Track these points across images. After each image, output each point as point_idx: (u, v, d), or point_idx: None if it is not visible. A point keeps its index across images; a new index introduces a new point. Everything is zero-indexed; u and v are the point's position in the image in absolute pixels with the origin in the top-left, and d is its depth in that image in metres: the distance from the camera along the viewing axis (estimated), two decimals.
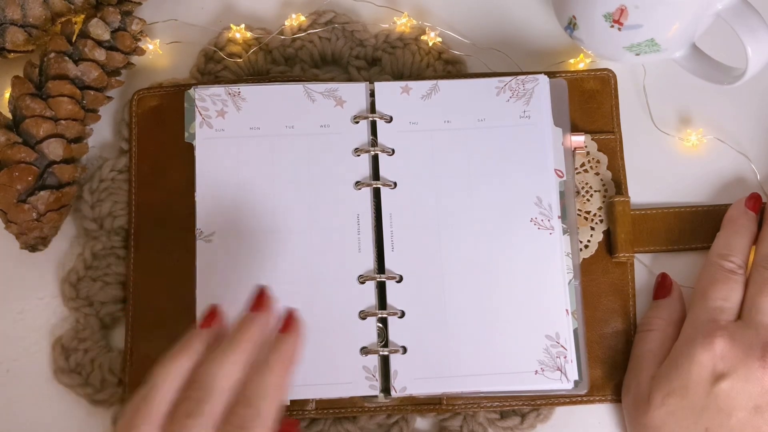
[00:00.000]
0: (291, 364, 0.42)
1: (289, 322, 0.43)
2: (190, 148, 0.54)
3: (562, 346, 0.50)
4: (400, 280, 0.51)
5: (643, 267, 0.55)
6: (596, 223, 0.55)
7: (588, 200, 0.55)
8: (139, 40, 0.56)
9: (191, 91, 0.54)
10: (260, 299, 0.44)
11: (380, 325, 0.51)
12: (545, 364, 0.50)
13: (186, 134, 0.54)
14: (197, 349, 0.42)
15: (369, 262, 0.52)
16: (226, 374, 0.40)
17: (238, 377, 0.40)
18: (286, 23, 0.58)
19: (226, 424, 0.39)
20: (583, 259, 0.54)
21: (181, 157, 0.54)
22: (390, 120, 0.54)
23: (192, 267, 0.52)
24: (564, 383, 0.50)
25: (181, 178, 0.54)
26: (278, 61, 0.58)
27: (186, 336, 0.42)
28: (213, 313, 0.44)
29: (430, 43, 0.58)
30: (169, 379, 0.40)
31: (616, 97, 0.57)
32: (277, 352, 0.42)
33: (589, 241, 0.54)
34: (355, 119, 0.53)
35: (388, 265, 0.51)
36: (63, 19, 0.55)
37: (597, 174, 0.55)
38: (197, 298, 0.51)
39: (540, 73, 0.55)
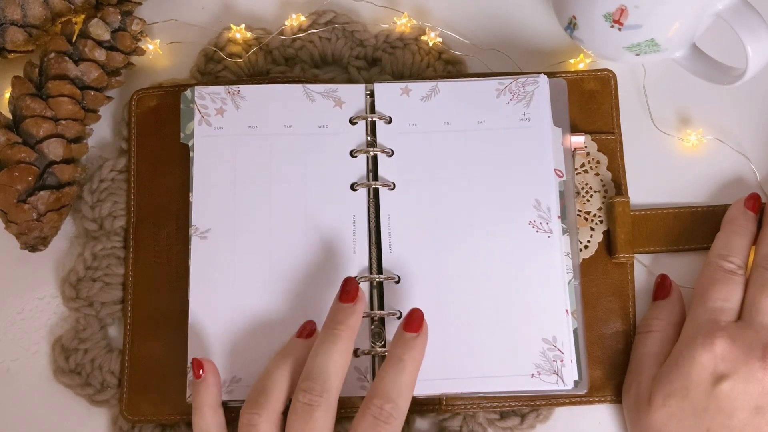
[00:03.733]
0: (420, 363, 0.46)
1: (419, 322, 0.47)
2: (189, 148, 0.54)
3: (559, 350, 0.50)
4: (399, 281, 0.51)
5: (643, 267, 0.55)
6: (596, 223, 0.55)
7: (588, 201, 0.55)
8: (140, 40, 0.56)
9: (187, 92, 0.54)
10: (350, 290, 0.48)
11: (380, 325, 0.51)
12: (542, 367, 0.50)
13: (182, 135, 0.54)
14: (301, 353, 0.47)
15: (364, 264, 0.51)
16: (337, 364, 0.45)
17: (346, 364, 0.46)
18: (286, 23, 0.58)
19: (375, 419, 0.44)
20: (583, 259, 0.54)
21: (181, 157, 0.54)
22: (389, 121, 0.54)
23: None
24: (560, 386, 0.50)
25: (181, 177, 0.54)
26: (278, 62, 0.58)
27: (289, 343, 0.48)
28: (311, 329, 0.49)
29: (430, 44, 0.58)
30: (282, 376, 0.46)
31: (616, 97, 0.57)
32: (411, 352, 0.46)
33: (588, 241, 0.54)
34: (354, 120, 0.54)
35: (386, 265, 0.51)
36: (63, 19, 0.55)
37: (597, 174, 0.55)
38: (190, 294, 0.51)
39: (540, 73, 0.55)
